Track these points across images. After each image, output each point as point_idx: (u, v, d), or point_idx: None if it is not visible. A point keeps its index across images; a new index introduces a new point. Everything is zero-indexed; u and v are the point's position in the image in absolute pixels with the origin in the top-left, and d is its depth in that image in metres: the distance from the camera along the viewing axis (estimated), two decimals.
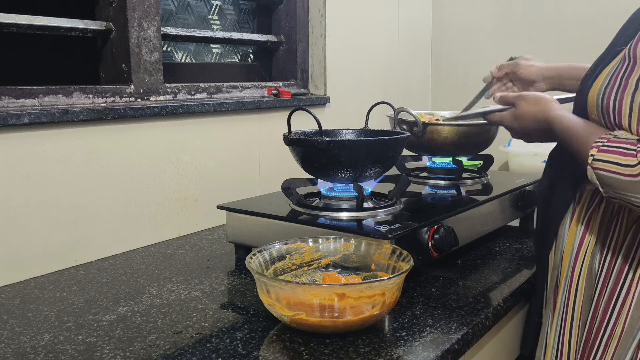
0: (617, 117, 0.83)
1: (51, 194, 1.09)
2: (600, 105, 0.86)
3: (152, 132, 1.26)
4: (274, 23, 1.75)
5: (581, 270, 0.95)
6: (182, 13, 1.55)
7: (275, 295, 0.80)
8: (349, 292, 0.77)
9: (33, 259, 1.07)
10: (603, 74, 0.88)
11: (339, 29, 1.76)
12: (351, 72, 1.84)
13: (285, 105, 1.57)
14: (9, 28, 1.09)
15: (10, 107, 1.07)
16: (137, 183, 1.24)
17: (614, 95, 0.84)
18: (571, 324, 0.96)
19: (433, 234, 1.03)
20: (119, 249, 1.21)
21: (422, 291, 0.99)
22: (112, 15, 1.26)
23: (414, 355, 0.77)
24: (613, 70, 0.86)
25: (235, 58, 1.75)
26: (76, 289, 1.01)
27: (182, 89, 1.39)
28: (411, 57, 2.14)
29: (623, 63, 0.84)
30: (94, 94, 1.20)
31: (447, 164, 1.43)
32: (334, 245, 0.96)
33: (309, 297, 0.78)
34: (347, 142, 1.09)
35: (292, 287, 0.80)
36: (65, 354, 0.77)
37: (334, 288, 0.79)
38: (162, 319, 0.88)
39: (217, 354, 0.76)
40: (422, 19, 2.20)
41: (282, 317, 0.81)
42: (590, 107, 0.90)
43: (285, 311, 0.79)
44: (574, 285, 0.96)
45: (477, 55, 2.14)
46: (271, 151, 1.54)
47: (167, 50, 1.53)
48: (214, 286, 1.01)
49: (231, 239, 1.15)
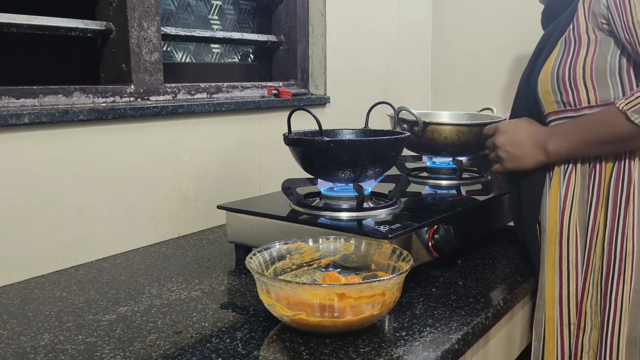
0: (573, 82, 0.98)
1: (51, 194, 1.09)
2: (556, 77, 1.00)
3: (152, 132, 1.26)
4: (274, 23, 1.75)
5: (570, 222, 1.04)
6: (182, 13, 1.55)
7: (275, 295, 0.80)
8: (348, 292, 0.77)
9: (33, 259, 1.07)
10: (552, 57, 1.02)
11: (339, 29, 1.76)
12: (351, 72, 1.84)
13: (285, 105, 1.57)
14: (9, 28, 1.09)
15: (10, 107, 1.07)
16: (137, 183, 1.24)
17: (568, 66, 0.99)
18: (568, 276, 1.04)
19: (433, 234, 1.04)
20: (119, 249, 1.21)
21: (422, 291, 0.99)
22: (112, 15, 1.26)
23: (414, 355, 0.77)
24: (560, 51, 1.01)
25: (235, 58, 1.75)
26: (76, 289, 1.01)
27: (182, 89, 1.39)
28: (411, 57, 2.14)
29: (569, 45, 1.01)
30: (94, 94, 1.20)
31: (447, 164, 1.43)
32: (334, 245, 0.96)
33: (309, 297, 0.78)
34: (347, 142, 1.09)
35: (292, 287, 0.80)
36: (65, 354, 0.77)
37: (333, 288, 0.79)
38: (162, 318, 0.88)
39: (217, 354, 0.76)
40: (422, 19, 2.20)
41: (282, 317, 0.81)
42: (543, 86, 1.02)
43: (285, 311, 0.79)
44: (566, 238, 1.04)
45: (477, 55, 2.14)
46: (271, 151, 1.54)
47: (167, 50, 1.53)
48: (214, 286, 1.01)
49: (231, 239, 1.15)
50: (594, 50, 0.98)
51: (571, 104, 1.00)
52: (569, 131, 1.00)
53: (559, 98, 1.02)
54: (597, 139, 0.97)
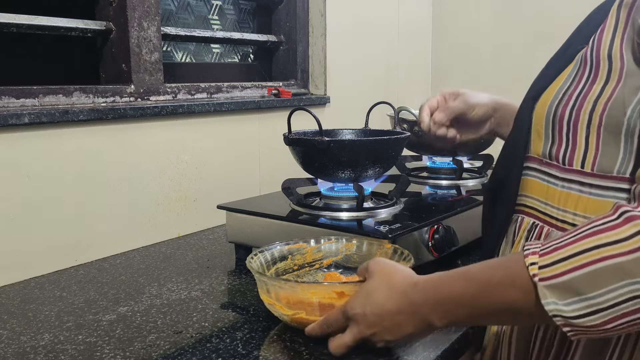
0: (572, 129, 0.68)
1: (51, 194, 1.09)
2: (552, 114, 0.71)
3: (152, 132, 1.26)
4: (274, 23, 1.75)
5: None
6: (182, 13, 1.55)
7: (275, 295, 0.80)
8: (348, 291, 0.77)
9: (33, 259, 1.07)
10: (560, 79, 0.73)
11: (339, 29, 1.76)
12: (351, 72, 1.84)
13: (286, 105, 1.57)
14: (9, 28, 1.09)
15: (10, 107, 1.07)
16: (137, 183, 1.24)
17: (572, 104, 0.69)
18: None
19: (433, 234, 1.03)
20: (119, 249, 1.21)
21: None
22: (112, 15, 1.26)
23: (414, 356, 0.77)
24: (571, 75, 0.72)
25: (235, 58, 1.75)
26: (76, 289, 1.01)
27: (182, 89, 1.39)
28: (411, 57, 2.14)
29: (583, 69, 0.70)
30: (94, 93, 1.20)
31: (447, 164, 1.43)
32: (336, 245, 0.96)
33: (308, 295, 0.78)
34: (347, 142, 1.09)
35: (292, 285, 0.80)
36: (65, 354, 0.77)
37: (333, 286, 0.79)
38: (162, 318, 0.88)
39: (217, 354, 0.76)
40: (422, 18, 2.20)
41: (283, 317, 0.81)
42: (538, 118, 0.74)
43: (285, 310, 0.79)
44: None
45: (477, 55, 2.14)
46: (271, 151, 1.54)
47: (167, 50, 1.53)
48: (214, 286, 1.01)
49: (231, 239, 1.15)
50: (612, 89, 0.65)
51: (559, 158, 0.72)
52: (453, 293, 0.64)
53: (549, 145, 0.73)
54: (490, 309, 0.62)
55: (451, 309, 0.64)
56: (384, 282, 0.70)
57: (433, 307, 0.65)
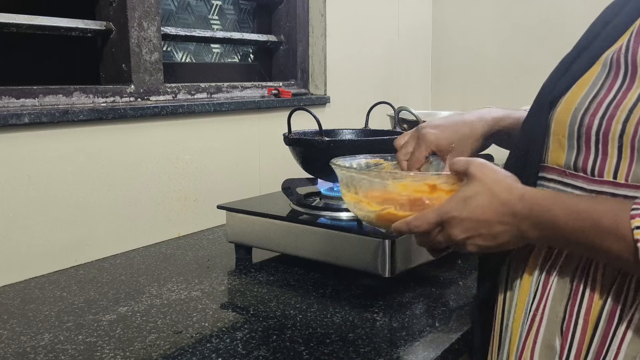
0: (603, 138, 0.64)
1: (51, 194, 1.09)
2: (579, 122, 0.66)
3: (152, 132, 1.26)
4: (274, 23, 1.75)
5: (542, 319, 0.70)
6: (182, 13, 1.55)
7: (362, 192, 0.75)
8: (440, 184, 0.71)
9: (33, 259, 1.07)
10: (584, 82, 0.68)
11: (339, 29, 1.76)
12: (351, 72, 1.84)
13: (286, 105, 1.57)
14: (9, 28, 1.09)
15: (10, 107, 1.07)
16: (137, 183, 1.24)
17: (602, 113, 0.64)
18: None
19: None
20: (119, 249, 1.21)
21: (422, 291, 0.99)
22: (112, 15, 1.26)
23: (414, 355, 0.77)
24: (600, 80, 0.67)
25: (235, 58, 1.75)
26: (76, 289, 1.01)
27: (182, 89, 1.39)
28: (411, 57, 2.14)
29: (616, 73, 0.65)
30: (94, 94, 1.20)
31: None
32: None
33: (398, 189, 0.72)
34: (347, 142, 1.09)
35: (382, 176, 0.76)
36: (65, 354, 0.77)
37: (425, 178, 0.73)
38: (162, 319, 0.88)
39: (217, 354, 0.76)
40: (422, 19, 2.20)
41: (369, 215, 0.75)
42: (560, 127, 0.69)
43: (373, 206, 0.73)
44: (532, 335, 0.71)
45: (477, 56, 2.14)
46: (271, 151, 1.54)
47: (167, 50, 1.53)
48: (214, 286, 1.01)
49: (231, 239, 1.15)
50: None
51: (587, 169, 0.66)
52: (557, 223, 0.62)
53: (573, 155, 0.67)
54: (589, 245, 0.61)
55: (551, 234, 0.63)
56: (486, 188, 0.66)
57: (534, 224, 0.64)
